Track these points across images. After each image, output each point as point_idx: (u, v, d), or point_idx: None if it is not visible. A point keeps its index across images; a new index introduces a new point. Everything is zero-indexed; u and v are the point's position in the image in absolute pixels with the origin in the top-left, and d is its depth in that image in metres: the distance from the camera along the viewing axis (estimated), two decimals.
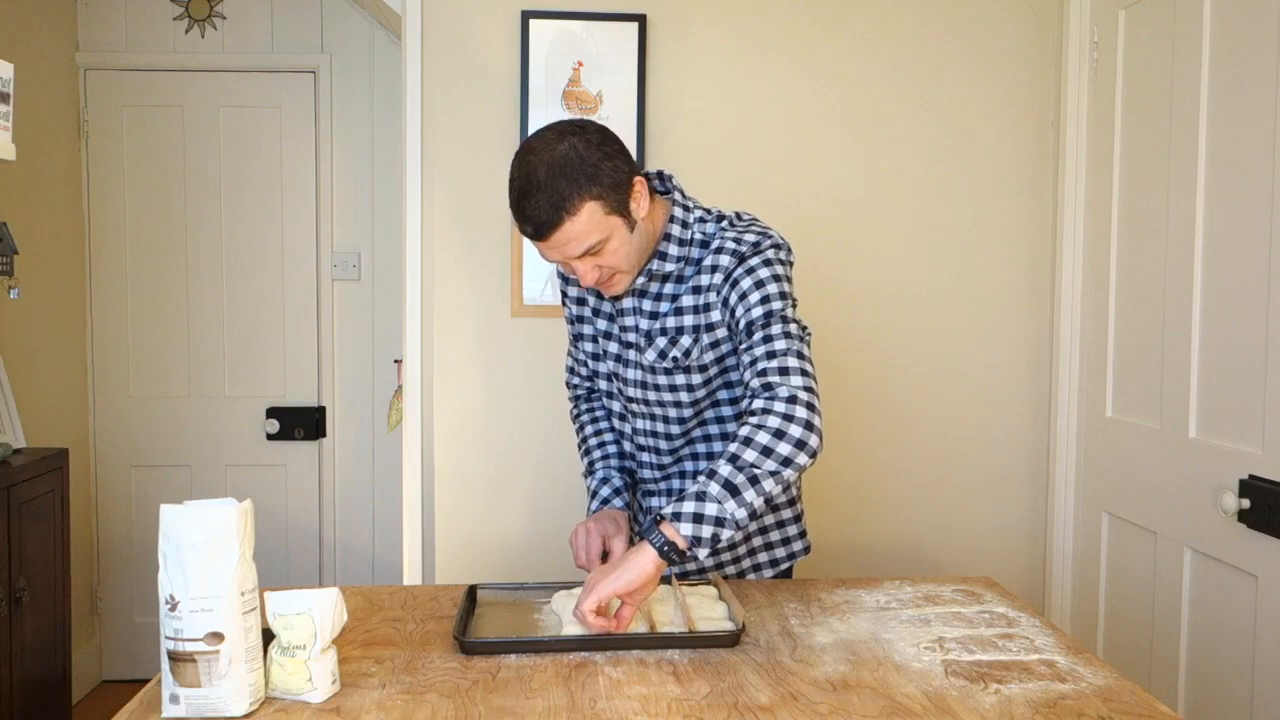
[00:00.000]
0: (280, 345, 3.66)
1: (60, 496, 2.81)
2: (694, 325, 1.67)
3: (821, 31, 2.70)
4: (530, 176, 1.52)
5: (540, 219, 1.52)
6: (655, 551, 1.49)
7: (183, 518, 1.28)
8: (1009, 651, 1.52)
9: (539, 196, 1.51)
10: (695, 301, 1.67)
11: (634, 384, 1.76)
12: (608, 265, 1.59)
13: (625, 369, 1.76)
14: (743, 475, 1.51)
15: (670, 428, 1.77)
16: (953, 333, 2.77)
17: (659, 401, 1.75)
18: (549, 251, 1.58)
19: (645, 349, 1.71)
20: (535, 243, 1.57)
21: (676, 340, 1.68)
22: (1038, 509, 2.80)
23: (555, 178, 1.51)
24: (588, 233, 1.54)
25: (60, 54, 3.46)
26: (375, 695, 1.36)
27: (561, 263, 1.61)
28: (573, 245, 1.55)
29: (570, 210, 1.52)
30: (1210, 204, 2.10)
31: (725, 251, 1.65)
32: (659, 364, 1.71)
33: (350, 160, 3.64)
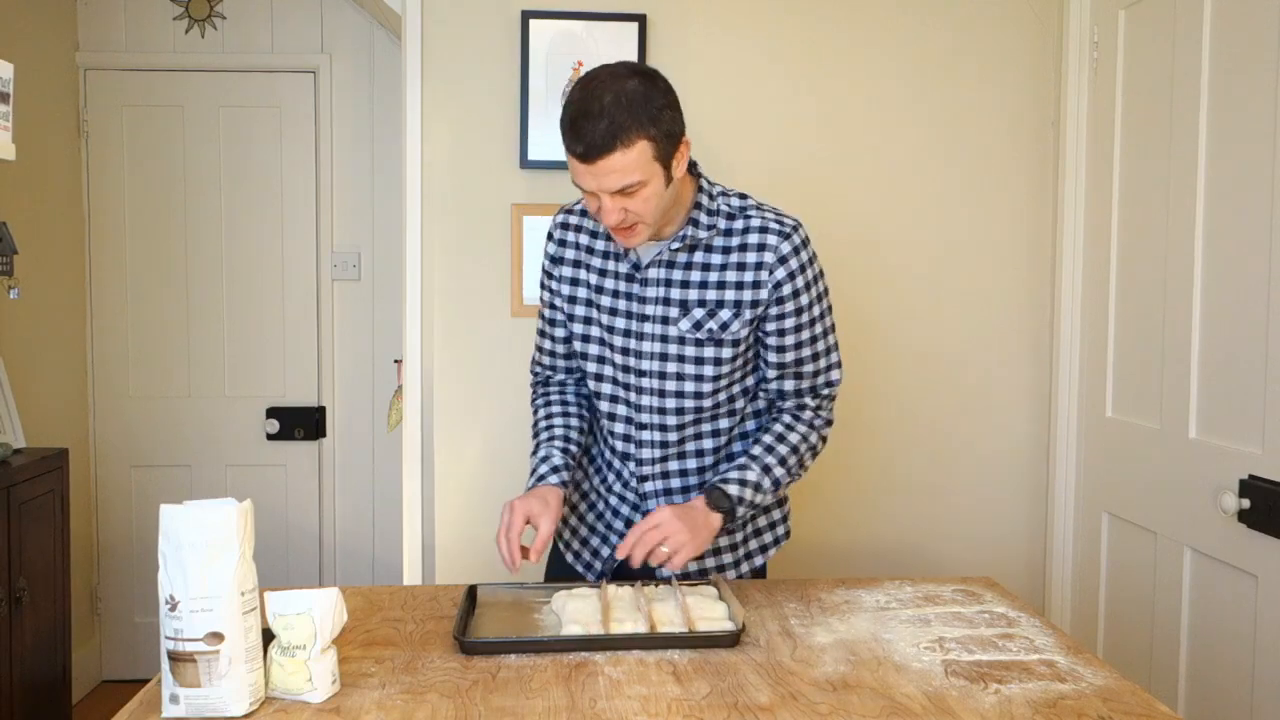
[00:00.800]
0: (280, 345, 3.66)
1: (60, 496, 2.81)
2: (736, 300, 1.70)
3: (821, 32, 2.70)
4: (594, 99, 1.55)
5: (594, 141, 1.54)
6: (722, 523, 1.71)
7: (183, 518, 1.28)
8: (1009, 651, 1.52)
9: (600, 121, 1.53)
10: (740, 278, 1.70)
11: (651, 356, 1.74)
12: (634, 211, 1.60)
13: (641, 342, 1.75)
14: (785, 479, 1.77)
15: (684, 402, 1.75)
16: (952, 332, 2.77)
17: (678, 374, 1.74)
18: (588, 177, 1.58)
19: (678, 319, 1.72)
20: (579, 164, 1.58)
21: (715, 313, 1.71)
22: (1038, 509, 2.80)
23: (619, 107, 1.54)
24: (632, 170, 1.56)
25: (60, 54, 3.46)
26: (375, 695, 1.36)
27: (593, 194, 1.61)
28: (614, 177, 1.56)
29: (625, 142, 1.54)
30: (1210, 204, 2.10)
31: (771, 230, 1.70)
32: (690, 334, 1.72)
33: (350, 160, 3.64)
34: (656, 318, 1.73)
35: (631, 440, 1.82)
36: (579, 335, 1.83)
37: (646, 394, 1.77)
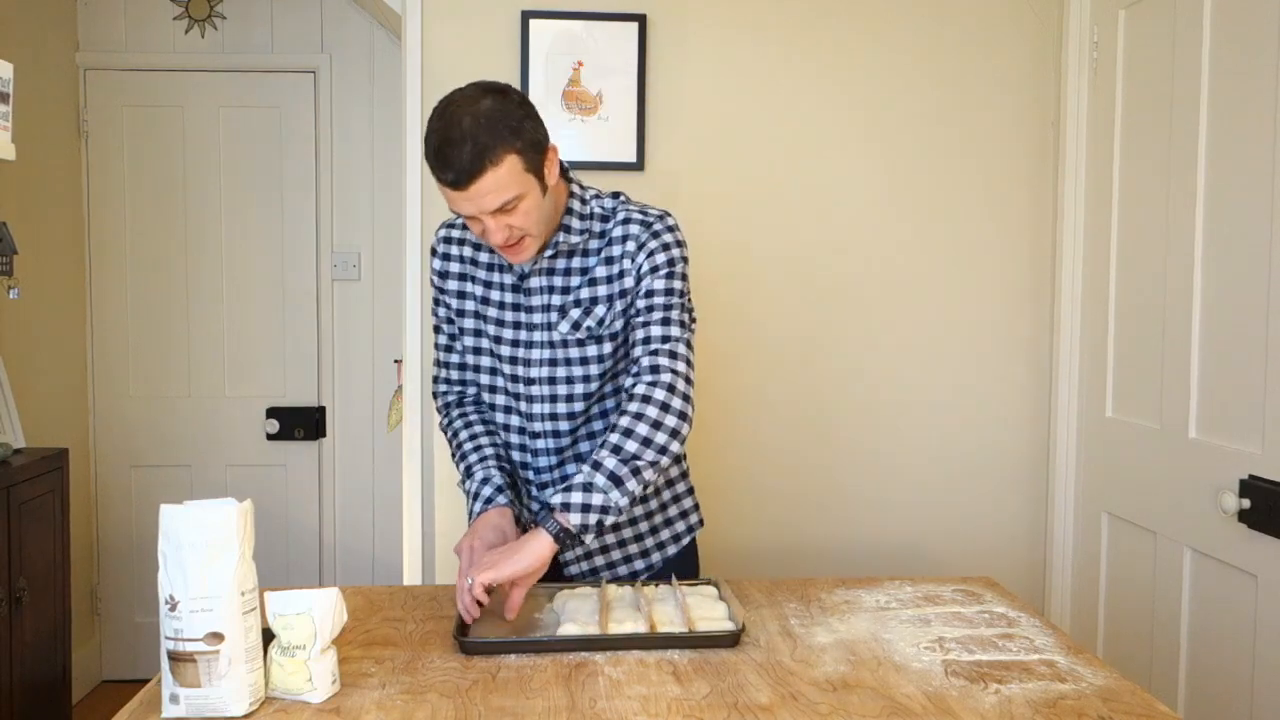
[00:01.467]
0: (280, 345, 3.66)
1: (60, 496, 2.81)
2: (608, 294, 1.73)
3: (822, 32, 2.70)
4: (454, 125, 1.54)
5: (462, 167, 1.53)
6: (551, 537, 1.58)
7: (183, 518, 1.28)
8: (1009, 651, 1.52)
9: (463, 146, 1.52)
10: (609, 271, 1.73)
11: (540, 363, 1.75)
12: (518, 226, 1.60)
13: (530, 350, 1.76)
14: (626, 467, 1.63)
15: (574, 405, 1.76)
16: (953, 332, 2.77)
17: (567, 378, 1.75)
18: (464, 203, 1.57)
19: (559, 322, 1.73)
20: (453, 192, 1.56)
21: (590, 310, 1.73)
22: (1038, 509, 2.80)
23: (479, 129, 1.53)
24: (506, 186, 1.55)
25: (60, 54, 3.46)
26: (375, 695, 1.36)
27: (473, 218, 1.60)
28: (490, 198, 1.56)
29: (493, 160, 1.53)
30: (1210, 204, 2.10)
31: (634, 221, 1.73)
32: (571, 335, 1.73)
33: (350, 160, 3.64)
34: (541, 325, 1.75)
35: (527, 450, 1.81)
36: (469, 349, 1.82)
37: (537, 401, 1.77)
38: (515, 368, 1.78)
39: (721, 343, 2.71)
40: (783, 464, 2.76)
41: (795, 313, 2.74)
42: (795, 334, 2.74)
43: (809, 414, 2.75)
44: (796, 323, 2.74)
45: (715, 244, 2.70)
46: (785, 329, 2.74)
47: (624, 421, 1.66)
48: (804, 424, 2.75)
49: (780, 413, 2.75)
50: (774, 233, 2.72)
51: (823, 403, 2.76)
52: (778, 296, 2.73)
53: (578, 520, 1.59)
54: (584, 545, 1.69)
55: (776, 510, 2.76)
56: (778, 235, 2.72)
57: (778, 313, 2.74)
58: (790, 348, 2.74)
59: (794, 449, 2.76)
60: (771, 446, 2.75)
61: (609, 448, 1.64)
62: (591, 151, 2.64)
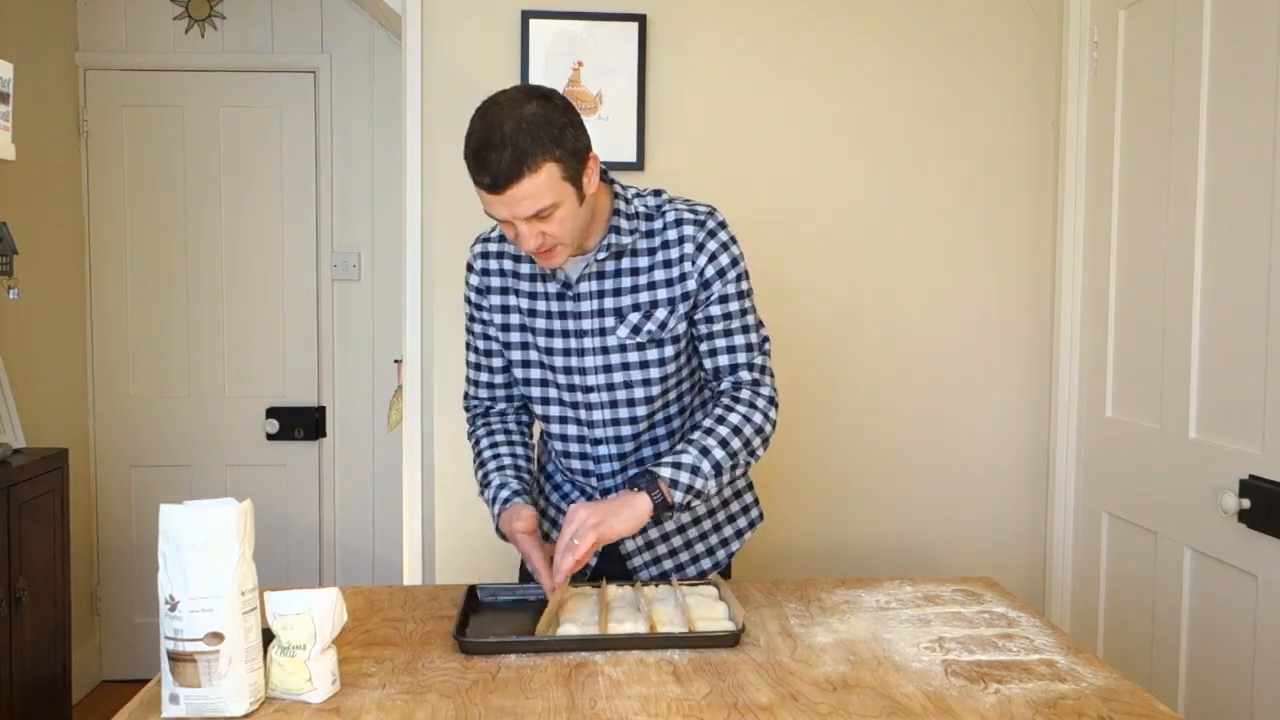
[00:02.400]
0: (280, 345, 3.66)
1: (60, 496, 2.81)
2: (669, 297, 1.70)
3: (822, 32, 2.70)
4: (495, 129, 1.53)
5: (501, 171, 1.52)
6: (651, 504, 1.61)
7: (183, 518, 1.28)
8: (1009, 651, 1.52)
9: (504, 150, 1.51)
10: (668, 274, 1.70)
11: (596, 370, 1.72)
12: (551, 234, 1.58)
13: (583, 358, 1.73)
14: (728, 462, 1.67)
15: (636, 410, 1.74)
16: (953, 332, 2.77)
17: (626, 382, 1.72)
18: (499, 207, 1.56)
19: (616, 327, 1.70)
20: (489, 195, 1.55)
21: (651, 314, 1.70)
22: (1038, 509, 2.80)
23: (521, 134, 1.52)
24: (543, 193, 1.54)
25: (60, 54, 3.46)
26: (375, 695, 1.36)
27: (507, 222, 1.59)
28: (526, 204, 1.54)
29: (532, 167, 1.52)
30: (1210, 204, 2.10)
31: (686, 221, 1.71)
32: (631, 340, 1.70)
33: (350, 160, 3.64)
34: (594, 330, 1.71)
35: (589, 457, 1.80)
36: (518, 362, 1.79)
37: (597, 409, 1.75)
38: (571, 377, 1.74)
39: None
40: (782, 464, 2.75)
41: (795, 313, 2.74)
42: (795, 334, 2.74)
43: (809, 414, 2.75)
44: (796, 323, 2.74)
45: None
46: (784, 329, 2.74)
47: (733, 418, 1.70)
48: (804, 424, 2.75)
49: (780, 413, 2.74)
50: (774, 232, 2.72)
51: (822, 403, 2.76)
52: (776, 296, 2.73)
53: (680, 498, 1.62)
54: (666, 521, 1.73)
55: (777, 510, 2.76)
56: (777, 235, 2.72)
57: (777, 313, 2.73)
58: (789, 347, 2.74)
59: (794, 449, 2.76)
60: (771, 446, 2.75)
61: (717, 439, 1.67)
62: None
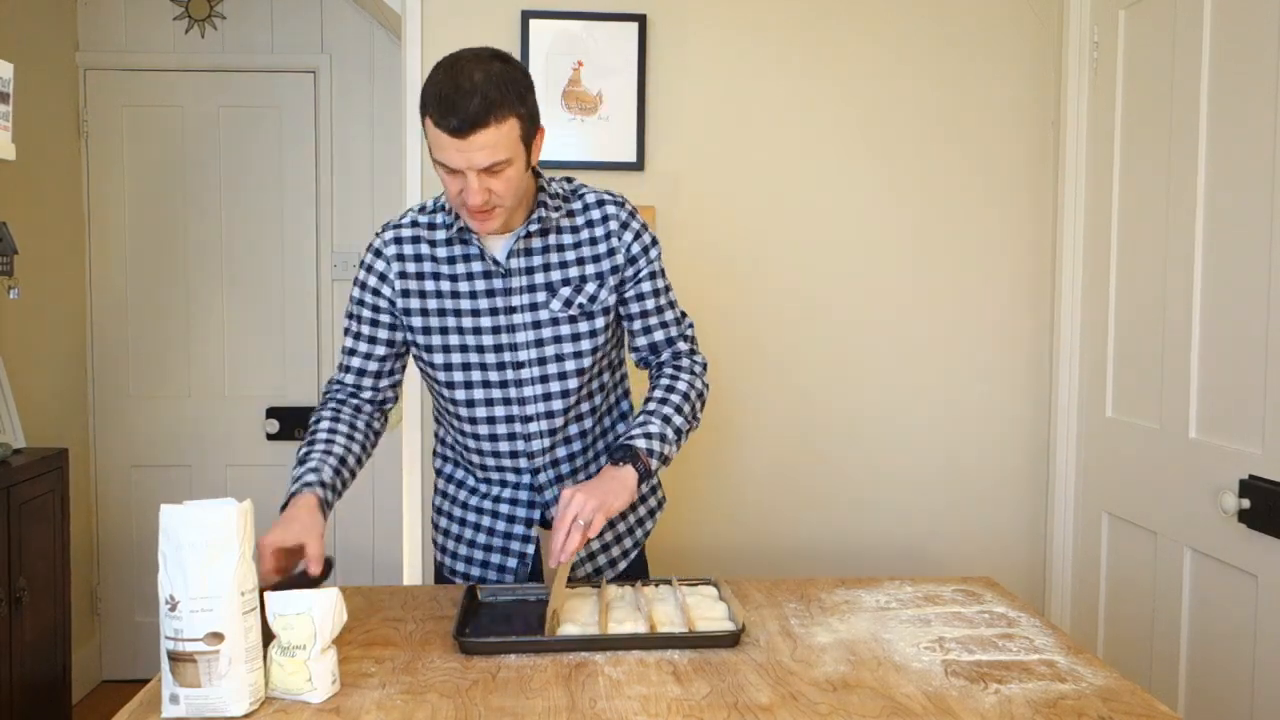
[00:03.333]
0: (280, 345, 3.66)
1: (60, 496, 2.81)
2: (597, 272, 1.77)
3: (822, 32, 2.70)
4: (465, 77, 1.55)
5: (468, 115, 1.53)
6: (636, 473, 1.67)
7: (183, 518, 1.28)
8: (1009, 651, 1.52)
9: (473, 97, 1.53)
10: (596, 250, 1.77)
11: (527, 345, 1.75)
12: (497, 193, 1.60)
13: (514, 334, 1.75)
14: (686, 426, 1.77)
15: (567, 383, 1.77)
16: (953, 332, 2.77)
17: (557, 355, 1.76)
18: (457, 155, 1.56)
19: (549, 301, 1.75)
20: (449, 139, 1.55)
21: (581, 288, 1.76)
22: (1038, 509, 2.80)
23: (490, 85, 1.54)
24: (501, 146, 1.56)
25: (60, 54, 3.46)
26: (375, 695, 1.36)
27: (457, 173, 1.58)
28: (484, 154, 1.56)
29: (499, 117, 1.55)
30: (1210, 204, 2.10)
31: (608, 202, 1.79)
32: (563, 313, 1.75)
33: (350, 160, 3.64)
34: (524, 306, 1.75)
35: (518, 436, 1.80)
36: (439, 348, 1.76)
37: (528, 384, 1.77)
38: (501, 354, 1.76)
39: (721, 342, 2.71)
40: (782, 464, 2.76)
41: (795, 313, 2.74)
42: (795, 333, 2.74)
43: (809, 414, 2.75)
44: (796, 323, 2.74)
45: (715, 243, 2.70)
46: (785, 329, 2.74)
47: (681, 385, 1.79)
48: (804, 424, 2.75)
49: (780, 412, 2.75)
50: (773, 232, 2.72)
51: (822, 403, 2.76)
52: (777, 296, 2.73)
53: (655, 465, 1.70)
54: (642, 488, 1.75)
55: (777, 510, 2.76)
56: (777, 235, 2.72)
57: (777, 313, 2.74)
58: (790, 347, 2.74)
59: (794, 449, 2.76)
60: (771, 446, 2.75)
61: (673, 406, 1.76)
62: (591, 151, 2.64)
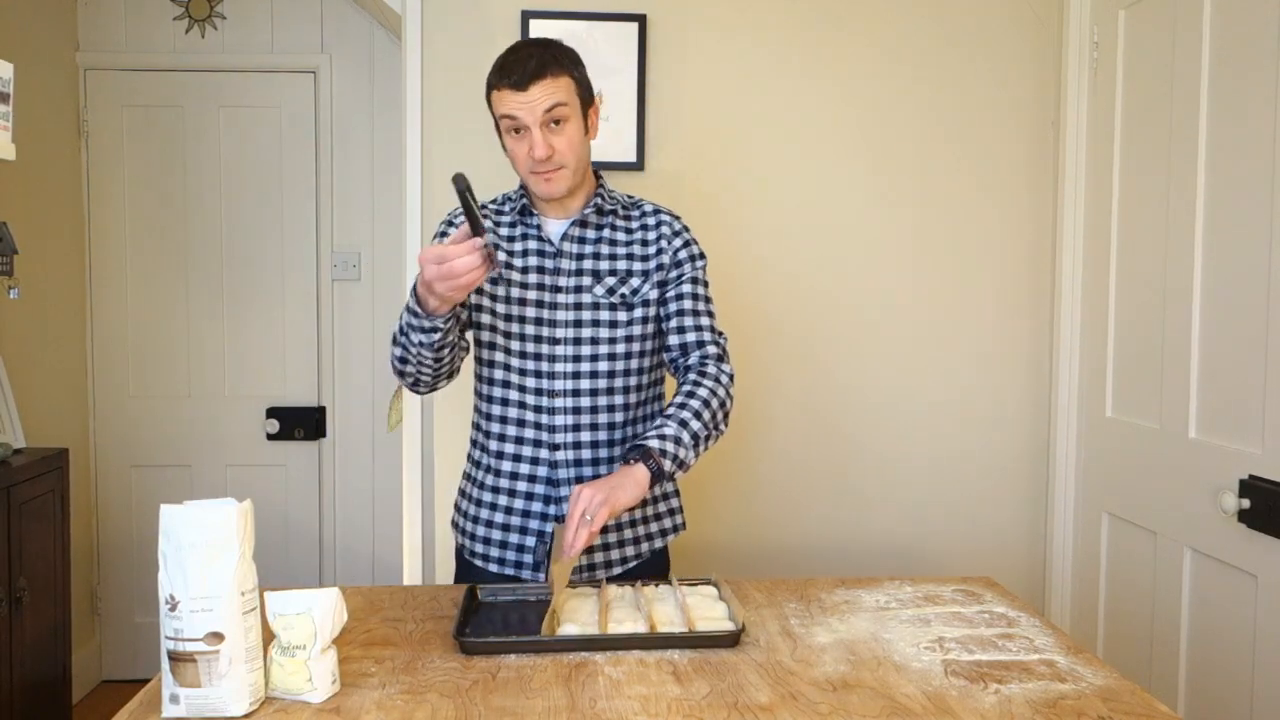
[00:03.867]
0: (280, 345, 3.66)
1: (60, 496, 2.81)
2: (643, 269, 1.86)
3: (822, 32, 2.70)
4: (523, 47, 1.75)
5: (527, 70, 1.70)
6: (649, 474, 1.69)
7: (183, 518, 1.28)
8: (1009, 651, 1.52)
9: (530, 58, 1.71)
10: (645, 250, 1.87)
11: (566, 324, 1.83)
12: (559, 151, 1.74)
13: (554, 311, 1.83)
14: (704, 432, 1.77)
15: (597, 365, 1.84)
16: (953, 332, 2.77)
17: (593, 338, 1.83)
18: (520, 106, 1.71)
19: (593, 286, 1.84)
20: (511, 93, 1.71)
21: (626, 279, 1.85)
22: (1038, 509, 2.80)
23: (547, 47, 1.75)
24: (560, 93, 1.72)
25: (60, 54, 3.46)
26: (375, 695, 1.36)
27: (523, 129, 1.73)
28: (545, 100, 1.71)
29: (554, 72, 1.72)
30: (1210, 204, 2.10)
31: (663, 212, 1.92)
32: (604, 299, 1.84)
33: (350, 160, 3.64)
34: (570, 288, 1.84)
35: (543, 411, 1.85)
36: (486, 309, 1.85)
37: (560, 360, 1.83)
38: (540, 328, 1.83)
39: None
40: (782, 464, 2.76)
41: (795, 313, 2.74)
42: (795, 334, 2.74)
43: (809, 414, 2.76)
44: (796, 323, 2.74)
45: (714, 243, 2.70)
46: (785, 329, 2.74)
47: (702, 392, 1.79)
48: (804, 424, 2.76)
49: (780, 412, 2.75)
50: (773, 232, 2.72)
51: (822, 402, 2.76)
52: (777, 296, 2.73)
53: (669, 466, 1.71)
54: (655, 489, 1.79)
55: (776, 510, 2.76)
56: (777, 235, 2.72)
57: (777, 313, 2.74)
58: (790, 348, 2.74)
59: (794, 449, 2.76)
60: (771, 446, 2.75)
61: (691, 411, 1.76)
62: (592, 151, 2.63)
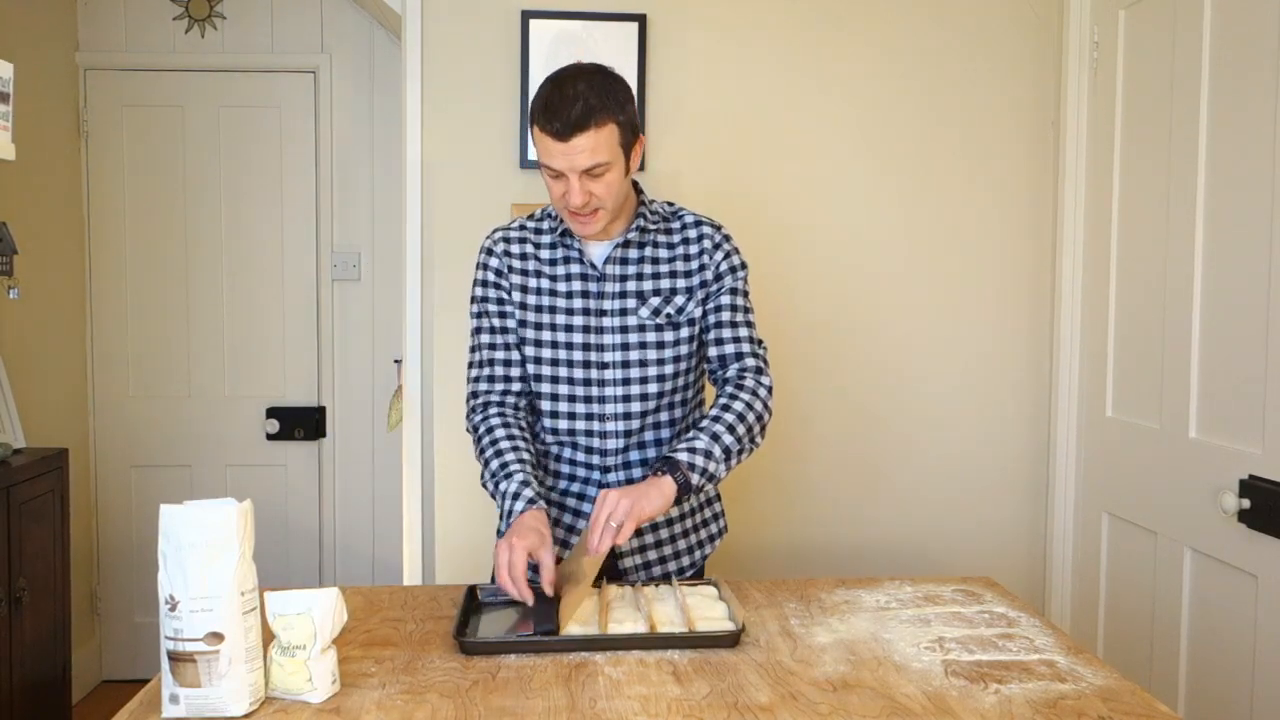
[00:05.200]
0: (280, 345, 3.66)
1: (60, 496, 2.81)
2: (687, 286, 1.83)
3: (821, 32, 2.70)
4: (569, 85, 1.65)
5: (570, 119, 1.63)
6: (675, 485, 1.67)
7: (183, 518, 1.28)
8: (1009, 651, 1.52)
9: (575, 103, 1.63)
10: (688, 265, 1.84)
11: (614, 348, 1.81)
12: (598, 195, 1.69)
13: (601, 335, 1.81)
14: (737, 446, 1.75)
15: (647, 387, 1.82)
16: (952, 332, 2.77)
17: (641, 361, 1.82)
18: (559, 157, 1.65)
19: (638, 308, 1.81)
20: (553, 143, 1.65)
21: (670, 299, 1.82)
22: (1038, 509, 2.80)
23: (592, 92, 1.65)
24: (601, 149, 1.66)
25: (60, 54, 3.46)
26: (375, 695, 1.36)
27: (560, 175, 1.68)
28: (584, 156, 1.65)
29: (598, 122, 1.64)
30: (1210, 204, 2.10)
31: (704, 224, 1.86)
32: (650, 320, 1.81)
33: (350, 160, 3.64)
34: (615, 310, 1.81)
35: (594, 434, 1.85)
36: (531, 341, 1.84)
37: (610, 385, 1.83)
38: (588, 354, 1.82)
39: None
40: (782, 464, 2.75)
41: (794, 314, 2.74)
42: (795, 335, 2.74)
43: (809, 414, 2.76)
44: (796, 324, 2.74)
45: None
46: (784, 329, 2.74)
47: (738, 405, 1.76)
48: (804, 424, 2.76)
49: (780, 413, 2.75)
50: (774, 233, 2.72)
51: (823, 403, 2.76)
52: (777, 297, 2.73)
53: (697, 480, 1.69)
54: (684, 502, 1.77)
55: (777, 510, 2.76)
56: (777, 236, 2.72)
57: (777, 313, 2.73)
58: (790, 348, 2.74)
59: (794, 449, 2.76)
60: (769, 446, 2.75)
61: (725, 425, 1.74)
62: None
